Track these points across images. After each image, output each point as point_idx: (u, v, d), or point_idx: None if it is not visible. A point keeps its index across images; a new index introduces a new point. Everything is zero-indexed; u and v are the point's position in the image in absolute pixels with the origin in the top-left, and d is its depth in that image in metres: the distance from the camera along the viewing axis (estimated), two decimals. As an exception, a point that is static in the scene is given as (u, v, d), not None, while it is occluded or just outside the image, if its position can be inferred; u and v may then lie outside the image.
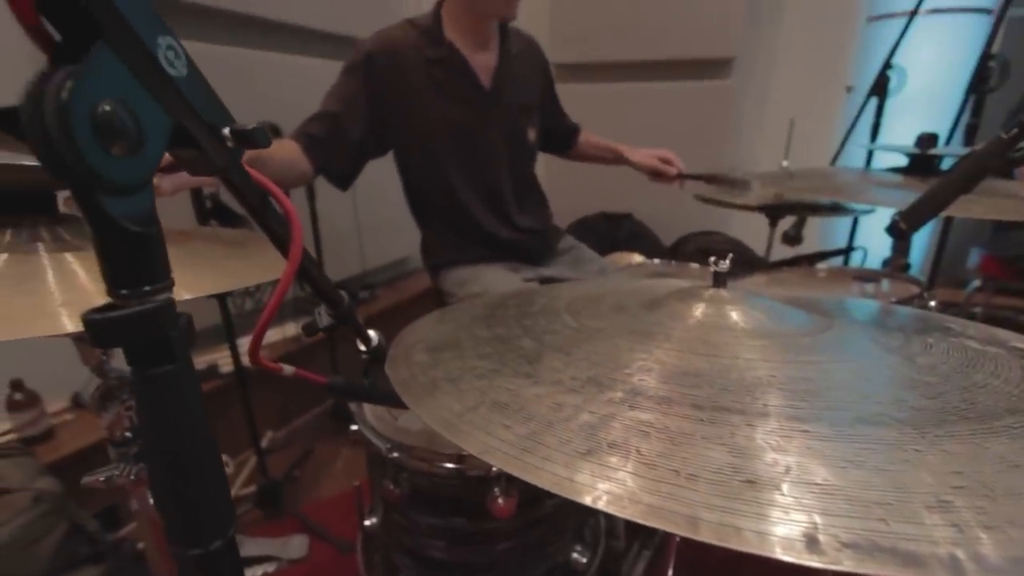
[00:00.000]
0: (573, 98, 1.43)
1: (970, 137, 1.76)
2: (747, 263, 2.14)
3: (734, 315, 0.46)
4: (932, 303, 0.81)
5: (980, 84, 1.78)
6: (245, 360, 1.40)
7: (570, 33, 2.40)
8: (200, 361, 1.44)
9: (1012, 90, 1.66)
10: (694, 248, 2.33)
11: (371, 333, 0.51)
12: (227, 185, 0.31)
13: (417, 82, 1.08)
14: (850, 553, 0.22)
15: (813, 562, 0.22)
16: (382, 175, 1.16)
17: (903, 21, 1.85)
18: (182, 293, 0.39)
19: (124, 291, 0.23)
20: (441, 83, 1.10)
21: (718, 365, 0.38)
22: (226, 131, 0.27)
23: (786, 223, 1.50)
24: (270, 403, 1.61)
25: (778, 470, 0.28)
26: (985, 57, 1.76)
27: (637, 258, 2.04)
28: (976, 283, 2.07)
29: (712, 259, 0.49)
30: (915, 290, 0.84)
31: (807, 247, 1.57)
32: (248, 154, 0.30)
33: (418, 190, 1.21)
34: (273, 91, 1.64)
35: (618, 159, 1.38)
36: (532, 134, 1.25)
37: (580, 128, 1.41)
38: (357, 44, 1.09)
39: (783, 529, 0.24)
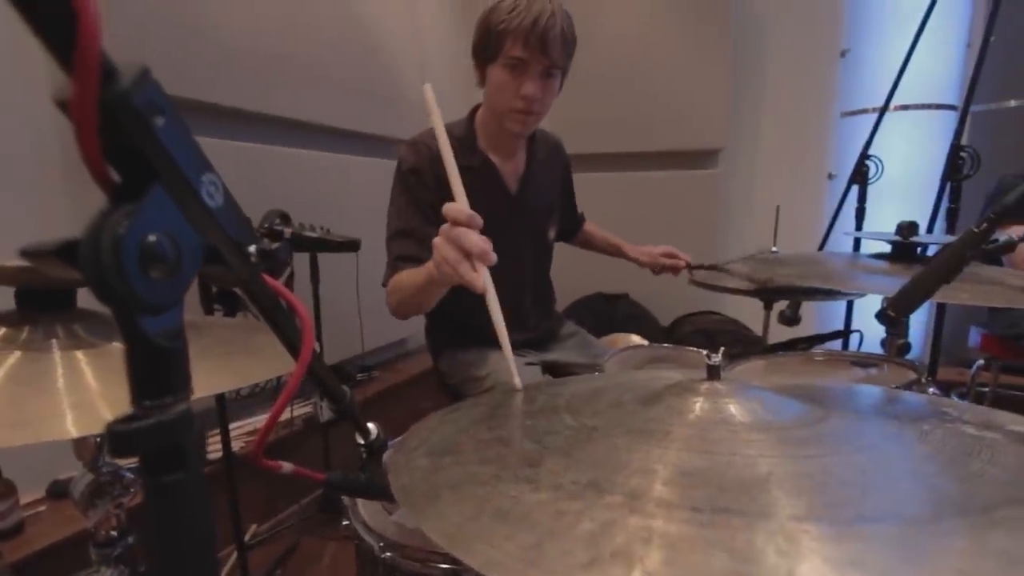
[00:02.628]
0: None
1: (951, 222, 1.84)
2: (745, 344, 2.15)
3: (731, 408, 0.46)
4: (931, 389, 0.81)
5: (954, 173, 1.90)
6: (236, 447, 1.37)
7: (568, 125, 2.59)
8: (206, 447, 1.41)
9: (988, 175, 1.76)
10: (692, 329, 2.35)
11: (370, 426, 0.52)
12: (246, 293, 0.34)
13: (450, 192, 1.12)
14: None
15: None
16: (383, 257, 1.20)
17: (875, 116, 2.00)
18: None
19: (148, 402, 0.25)
20: (473, 190, 1.14)
21: (716, 463, 0.39)
22: (252, 249, 0.30)
23: (782, 303, 1.53)
24: (256, 493, 1.55)
25: (780, 575, 0.28)
26: (955, 149, 1.88)
27: (635, 339, 2.06)
28: (980, 362, 2.06)
29: (706, 353, 0.51)
30: (912, 375, 0.85)
31: (805, 327, 1.60)
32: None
33: None
34: (283, 182, 1.74)
35: (619, 253, 1.45)
36: (552, 233, 1.30)
37: (584, 218, 1.49)
38: (401, 157, 1.11)
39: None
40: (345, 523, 0.75)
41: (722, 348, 0.52)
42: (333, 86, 1.90)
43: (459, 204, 0.67)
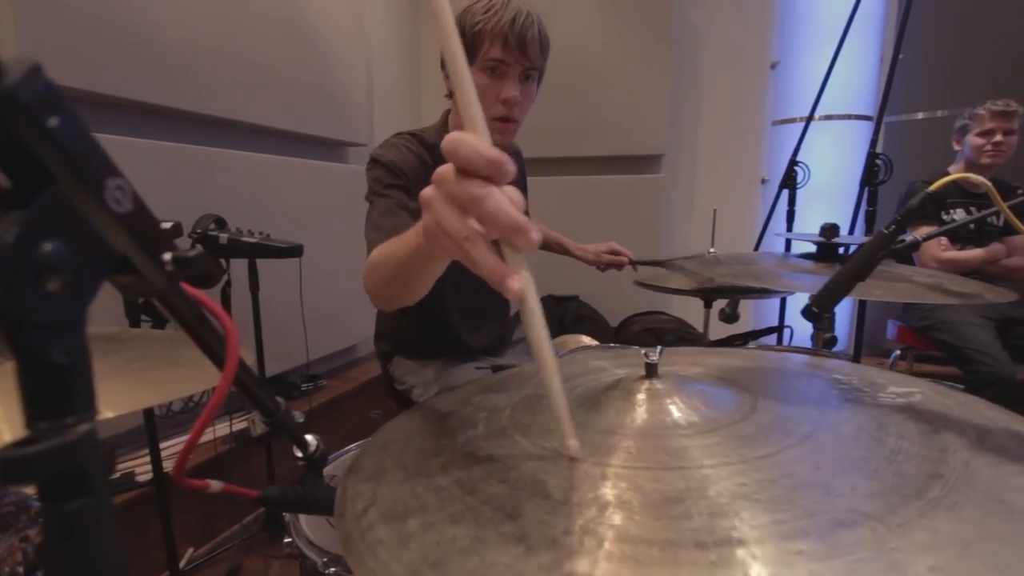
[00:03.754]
0: (518, 192, 1.53)
1: (870, 224, 1.99)
2: (689, 341, 2.24)
3: (674, 411, 0.48)
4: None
5: (871, 179, 2.05)
6: (168, 467, 1.29)
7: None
8: (115, 469, 1.32)
9: (900, 180, 1.92)
10: (640, 328, 2.42)
11: (308, 438, 0.50)
12: (163, 304, 0.32)
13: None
14: None
15: None
16: (328, 263, 1.17)
17: (802, 124, 2.14)
18: (104, 412, 0.37)
19: (44, 424, 0.23)
20: None
21: (689, 483, 0.38)
22: (167, 257, 0.28)
23: (722, 302, 1.60)
24: (192, 514, 1.46)
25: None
26: (871, 156, 2.04)
27: (585, 340, 2.10)
28: (897, 352, 2.24)
29: (644, 351, 0.52)
30: (835, 367, 0.92)
31: (743, 324, 1.68)
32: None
33: None
34: (220, 186, 1.66)
35: (564, 252, 1.47)
36: None
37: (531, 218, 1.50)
38: (375, 157, 1.05)
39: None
40: (287, 540, 0.72)
41: (659, 347, 0.53)
42: (274, 86, 1.83)
43: (472, 136, 0.39)
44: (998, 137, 1.88)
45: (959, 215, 1.96)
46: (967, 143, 1.96)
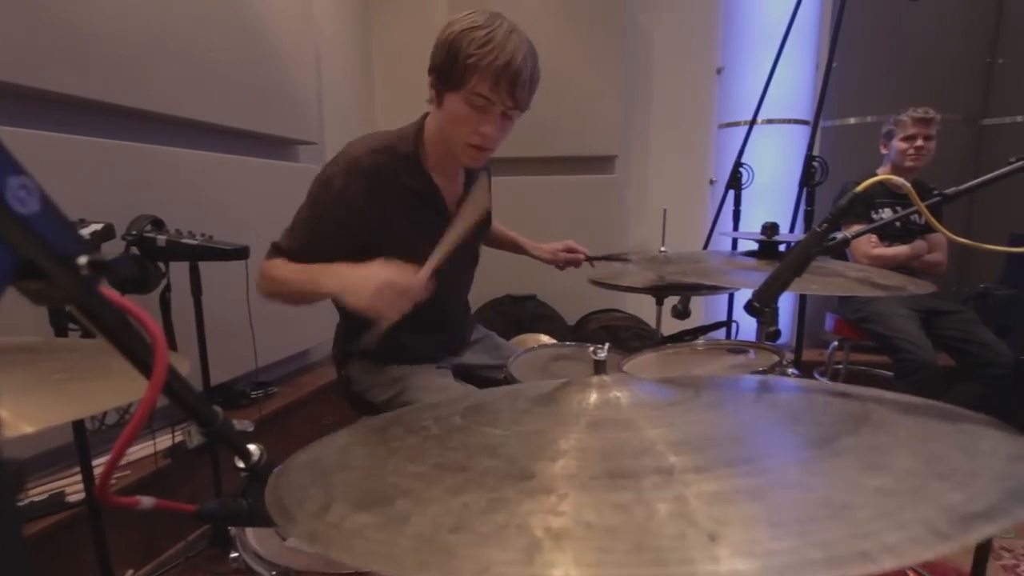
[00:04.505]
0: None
1: (809, 222, 2.10)
2: (643, 337, 2.30)
3: (621, 397, 0.49)
4: (790, 370, 0.92)
5: (808, 180, 2.17)
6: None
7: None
8: (43, 489, 1.22)
9: (836, 181, 2.04)
10: (596, 326, 2.46)
11: (251, 448, 0.48)
12: (79, 311, 0.30)
13: (391, 212, 1.06)
14: None
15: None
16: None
17: (746, 128, 2.24)
18: (23, 427, 0.35)
19: (-65, 444, 0.21)
20: (414, 212, 1.09)
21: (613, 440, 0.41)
22: (82, 260, 0.27)
23: (673, 299, 1.65)
24: (132, 534, 1.38)
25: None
26: (808, 159, 2.15)
27: (544, 338, 2.12)
28: (834, 343, 2.37)
29: (592, 349, 0.53)
30: (776, 358, 0.96)
31: (695, 319, 1.74)
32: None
33: None
34: (158, 185, 1.57)
35: (521, 251, 1.48)
36: (480, 245, 1.30)
37: (491, 218, 1.50)
38: (329, 177, 1.03)
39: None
40: (233, 556, 0.69)
41: (607, 344, 0.54)
42: (215, 80, 1.75)
43: (424, 276, 0.83)
44: (919, 142, 2.03)
45: (887, 214, 2.10)
46: (892, 147, 2.10)
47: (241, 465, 0.48)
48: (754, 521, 0.30)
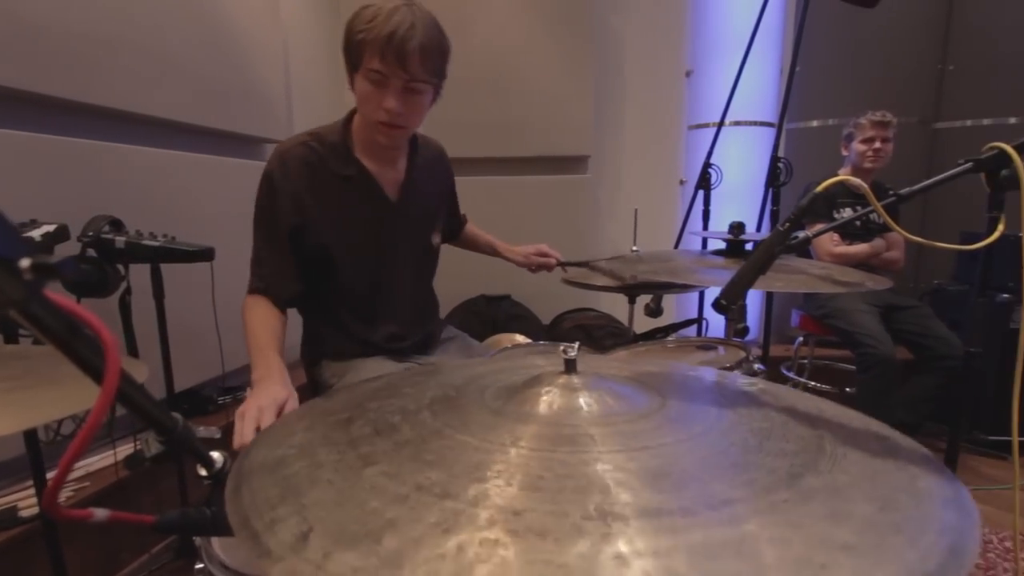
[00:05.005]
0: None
1: (775, 222, 2.17)
2: (616, 336, 2.33)
3: (581, 401, 0.50)
4: (756, 365, 0.95)
5: (774, 180, 2.23)
6: (62, 498, 1.16)
7: (447, 129, 2.61)
8: (-4, 503, 1.16)
9: (800, 182, 2.10)
10: (571, 325, 2.48)
11: (214, 455, 0.47)
12: (23, 316, 0.28)
13: (327, 201, 1.07)
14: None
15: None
16: (244, 266, 1.10)
17: (715, 129, 2.29)
18: (-40, 438, 0.33)
19: None
20: (350, 200, 1.09)
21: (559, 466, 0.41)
22: (24, 263, 0.25)
23: (645, 297, 1.68)
24: (91, 548, 1.32)
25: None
26: (774, 160, 2.21)
27: (519, 338, 2.12)
28: (800, 339, 2.45)
29: (562, 347, 0.54)
30: (743, 354, 0.99)
31: (667, 317, 1.77)
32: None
33: (318, 295, 1.16)
34: (118, 184, 1.52)
35: (495, 253, 1.48)
36: (436, 239, 1.28)
37: (467, 220, 1.49)
38: (265, 171, 1.07)
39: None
40: (199, 567, 0.67)
41: (577, 343, 0.55)
42: (178, 76, 1.69)
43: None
44: (877, 144, 2.11)
45: (847, 213, 2.17)
46: (853, 149, 2.18)
47: (204, 473, 0.47)
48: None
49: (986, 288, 2.14)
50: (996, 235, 0.75)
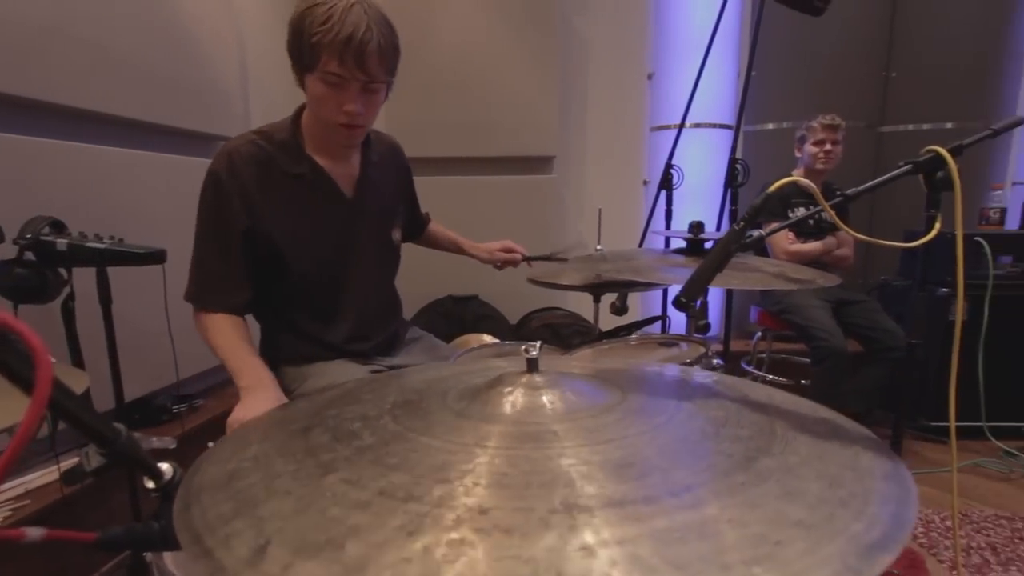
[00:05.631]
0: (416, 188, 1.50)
1: (733, 221, 2.24)
2: (583, 334, 2.35)
3: (544, 399, 0.50)
4: (715, 360, 0.97)
5: (732, 181, 2.30)
6: None
7: (411, 129, 2.57)
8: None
9: (757, 183, 2.17)
10: (538, 324, 2.49)
11: (163, 466, 0.44)
12: (-59, 324, 0.26)
13: (278, 200, 1.04)
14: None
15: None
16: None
17: (676, 131, 2.34)
18: None
19: None
20: (304, 199, 1.06)
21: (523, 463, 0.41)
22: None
23: (611, 296, 1.70)
24: (32, 570, 1.24)
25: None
26: (732, 161, 2.28)
27: (487, 338, 2.12)
28: (759, 334, 2.53)
29: (524, 347, 0.54)
30: (703, 350, 1.01)
31: (632, 315, 1.80)
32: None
33: (272, 297, 1.12)
34: (59, 184, 1.43)
35: (460, 251, 1.47)
36: (396, 235, 1.26)
37: (429, 218, 1.48)
38: (210, 170, 1.03)
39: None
40: (149, 582, 0.64)
41: (540, 342, 0.55)
42: (126, 69, 1.61)
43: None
44: (828, 146, 2.20)
45: (801, 213, 2.26)
46: (805, 151, 2.27)
47: (151, 485, 0.45)
48: (707, 562, 0.30)
49: (926, 283, 2.28)
50: (933, 233, 0.80)
